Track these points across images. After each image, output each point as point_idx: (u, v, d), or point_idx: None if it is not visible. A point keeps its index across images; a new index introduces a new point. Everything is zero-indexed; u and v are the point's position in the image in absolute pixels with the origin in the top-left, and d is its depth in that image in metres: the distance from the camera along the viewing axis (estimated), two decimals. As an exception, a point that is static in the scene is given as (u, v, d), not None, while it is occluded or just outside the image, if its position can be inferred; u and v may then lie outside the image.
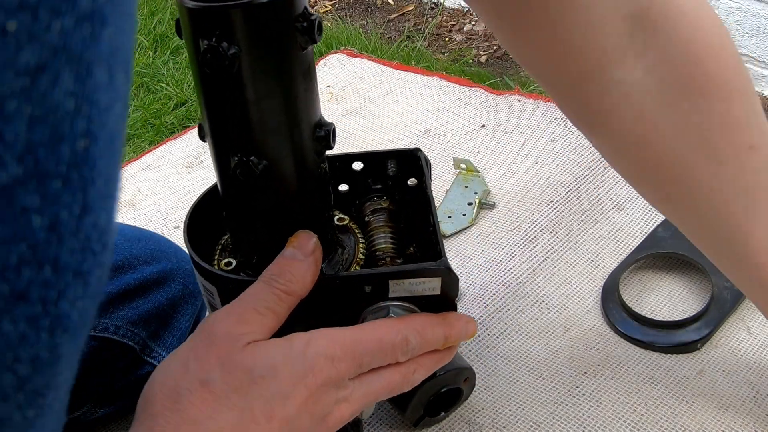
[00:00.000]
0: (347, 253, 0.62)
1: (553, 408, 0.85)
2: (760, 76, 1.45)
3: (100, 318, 0.78)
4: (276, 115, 0.49)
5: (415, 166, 0.70)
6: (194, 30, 0.45)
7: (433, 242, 0.61)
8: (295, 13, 0.45)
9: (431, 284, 0.57)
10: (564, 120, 1.23)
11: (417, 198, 0.69)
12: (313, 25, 0.46)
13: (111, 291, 0.79)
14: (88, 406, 0.82)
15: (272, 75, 0.47)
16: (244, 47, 0.44)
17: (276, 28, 0.45)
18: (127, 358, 0.81)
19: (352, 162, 0.69)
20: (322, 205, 0.57)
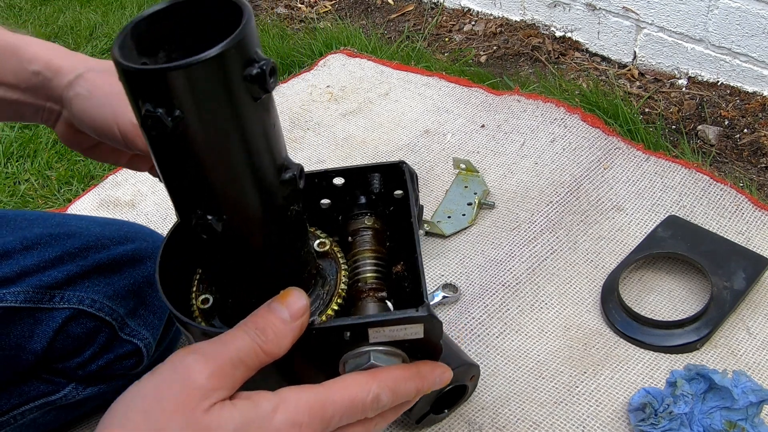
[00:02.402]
0: (328, 284, 0.58)
1: (553, 408, 0.85)
2: (760, 76, 1.45)
3: (73, 290, 0.80)
4: (231, 170, 0.45)
5: (399, 180, 0.65)
6: (132, 92, 0.41)
7: (415, 284, 0.57)
8: (243, 63, 0.41)
9: (413, 330, 0.54)
10: (564, 120, 1.23)
11: (404, 210, 0.64)
12: (264, 74, 0.41)
13: (83, 265, 0.81)
14: (72, 386, 0.83)
15: (223, 132, 0.43)
16: (188, 109, 0.40)
17: (222, 84, 0.41)
18: (106, 333, 0.82)
19: (332, 178, 0.65)
20: (297, 246, 0.54)
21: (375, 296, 0.59)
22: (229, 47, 0.40)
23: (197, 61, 0.39)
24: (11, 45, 0.66)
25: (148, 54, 0.43)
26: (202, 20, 0.44)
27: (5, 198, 1.62)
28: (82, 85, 0.64)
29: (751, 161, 1.39)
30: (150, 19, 0.43)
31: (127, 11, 2.29)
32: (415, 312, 0.52)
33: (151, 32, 0.43)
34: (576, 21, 1.75)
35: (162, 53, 0.44)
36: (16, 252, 0.78)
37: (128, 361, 0.85)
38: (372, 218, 0.65)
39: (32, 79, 0.66)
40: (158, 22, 0.43)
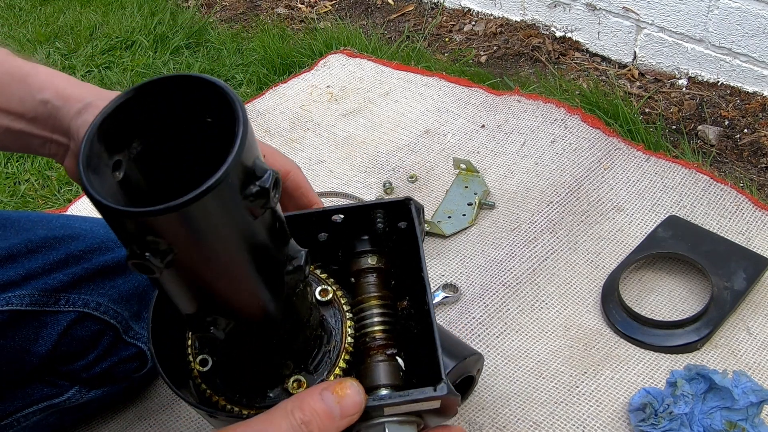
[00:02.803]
0: (334, 339, 0.55)
1: (553, 408, 0.85)
2: (760, 76, 1.45)
3: (78, 293, 0.80)
4: (231, 285, 0.41)
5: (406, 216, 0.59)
6: (116, 230, 0.36)
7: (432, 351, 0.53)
8: (242, 182, 0.36)
9: (430, 404, 0.52)
10: (564, 121, 1.23)
11: (409, 241, 0.59)
12: (266, 192, 0.36)
13: (88, 268, 0.81)
14: (76, 389, 0.83)
15: (221, 257, 0.38)
16: (181, 246, 0.36)
17: (220, 214, 0.35)
18: (110, 336, 0.82)
19: (331, 216, 0.59)
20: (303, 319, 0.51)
21: (384, 353, 0.56)
22: (228, 172, 0.34)
23: (190, 199, 0.33)
24: (20, 72, 0.65)
25: (119, 149, 0.38)
26: (176, 101, 0.39)
27: (5, 198, 1.62)
28: (91, 113, 0.61)
29: (751, 161, 1.39)
30: (115, 113, 0.38)
31: (127, 11, 2.29)
32: (433, 392, 0.50)
33: (119, 126, 0.38)
34: (576, 21, 1.75)
35: (136, 143, 0.39)
36: (21, 255, 0.78)
37: (131, 364, 0.85)
38: (375, 257, 0.60)
39: (39, 108, 0.64)
40: (125, 113, 0.38)
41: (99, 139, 0.37)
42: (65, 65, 2.08)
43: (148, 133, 0.39)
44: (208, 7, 2.34)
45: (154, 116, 0.39)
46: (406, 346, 0.58)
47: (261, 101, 1.48)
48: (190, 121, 0.39)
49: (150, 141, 0.39)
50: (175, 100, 0.38)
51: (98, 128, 0.37)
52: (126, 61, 2.06)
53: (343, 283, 0.60)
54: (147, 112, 0.38)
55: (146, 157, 0.40)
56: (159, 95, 0.38)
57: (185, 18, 2.22)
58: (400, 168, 1.24)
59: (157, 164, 0.40)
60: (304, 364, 0.54)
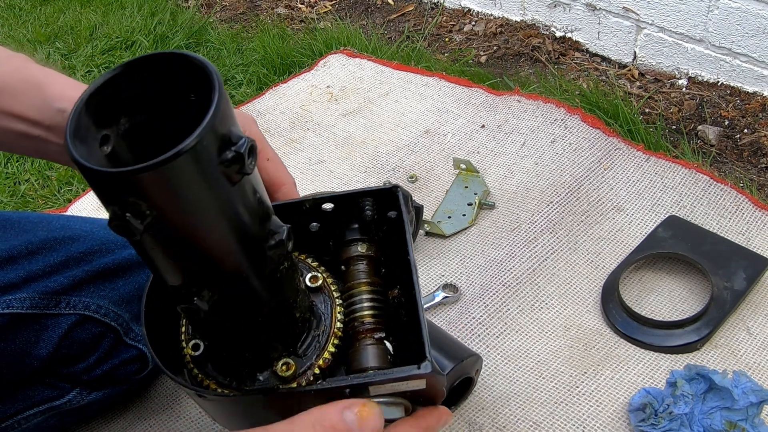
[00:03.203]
0: (323, 324, 0.56)
1: (553, 408, 0.85)
2: (760, 76, 1.45)
3: (79, 296, 0.80)
4: (211, 254, 0.42)
5: (393, 204, 0.61)
6: (98, 192, 0.37)
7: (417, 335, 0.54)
8: (218, 148, 0.37)
9: (415, 383, 0.53)
10: (564, 121, 1.23)
11: (398, 232, 0.60)
12: (242, 157, 0.38)
13: (88, 270, 0.81)
14: (77, 391, 0.83)
15: (200, 222, 0.39)
16: (160, 209, 0.37)
17: (197, 177, 0.37)
18: (111, 338, 0.82)
19: (322, 204, 0.61)
20: (289, 300, 0.52)
21: (373, 337, 0.57)
22: (200, 137, 0.35)
23: (167, 158, 0.34)
24: (36, 80, 0.65)
25: (108, 124, 0.39)
26: (162, 79, 0.40)
27: (5, 198, 1.62)
28: None
29: (751, 161, 1.39)
30: (104, 87, 0.39)
31: (127, 11, 2.29)
32: (417, 370, 0.51)
33: (108, 101, 0.39)
34: (576, 21, 1.75)
35: (123, 119, 0.40)
36: (21, 257, 0.78)
37: (132, 366, 0.85)
38: (365, 245, 0.61)
39: (57, 117, 0.64)
40: (113, 89, 0.39)
41: (87, 112, 0.38)
42: (65, 65, 2.08)
43: (136, 110, 0.40)
44: (208, 7, 2.34)
45: (142, 93, 0.40)
46: (396, 334, 0.58)
47: (261, 101, 1.48)
48: (175, 98, 0.40)
49: (137, 118, 0.41)
50: (161, 78, 0.40)
51: (86, 102, 0.38)
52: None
53: (335, 273, 0.61)
54: (134, 88, 0.39)
55: (134, 134, 0.41)
56: (145, 72, 0.39)
57: (185, 18, 2.22)
58: (400, 168, 1.23)
59: (144, 140, 0.41)
60: (292, 348, 0.54)
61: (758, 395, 0.76)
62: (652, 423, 0.79)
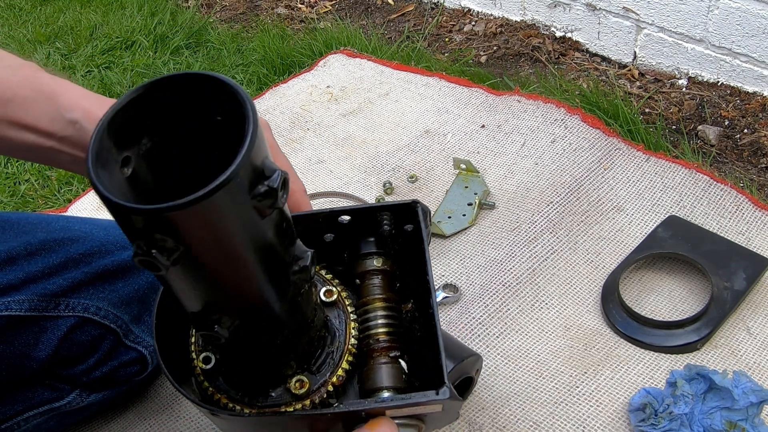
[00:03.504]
0: (337, 340, 0.55)
1: (553, 408, 0.85)
2: (760, 76, 1.45)
3: (78, 298, 0.79)
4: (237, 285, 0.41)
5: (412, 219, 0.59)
6: (122, 226, 0.36)
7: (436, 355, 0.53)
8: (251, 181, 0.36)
9: (432, 407, 0.52)
10: (564, 121, 1.23)
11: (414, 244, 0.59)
12: (275, 192, 0.36)
13: (87, 272, 0.80)
14: (77, 392, 0.83)
15: (227, 256, 0.38)
16: (187, 246, 0.36)
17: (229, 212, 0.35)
18: (110, 340, 0.82)
19: (338, 217, 0.59)
20: (307, 319, 0.51)
21: (388, 355, 0.56)
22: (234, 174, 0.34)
23: (202, 195, 0.33)
24: (48, 90, 0.64)
25: (129, 145, 0.38)
26: (187, 99, 0.39)
27: (5, 198, 1.62)
28: None
29: (751, 161, 1.39)
30: (126, 108, 0.38)
31: (127, 11, 2.29)
32: (435, 396, 0.50)
33: (130, 122, 0.38)
34: (576, 21, 1.74)
35: (145, 139, 0.39)
36: (20, 258, 0.78)
37: (132, 368, 0.85)
38: (381, 259, 0.60)
39: (69, 128, 0.63)
40: (136, 109, 0.38)
41: (109, 135, 0.37)
42: (65, 65, 2.08)
43: (158, 131, 0.39)
44: (208, 7, 2.34)
45: (165, 113, 0.39)
46: (410, 349, 0.58)
47: (261, 101, 1.48)
48: (200, 120, 0.39)
49: (160, 138, 0.39)
50: (186, 98, 0.38)
51: (108, 123, 0.37)
52: (126, 61, 2.06)
53: (348, 285, 0.59)
54: (157, 108, 0.38)
55: (155, 155, 0.40)
56: (170, 92, 0.38)
57: (185, 18, 2.22)
58: (400, 168, 1.23)
59: (166, 162, 0.40)
60: (306, 364, 0.54)
61: (758, 395, 0.76)
62: (652, 423, 0.79)
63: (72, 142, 0.64)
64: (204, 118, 0.39)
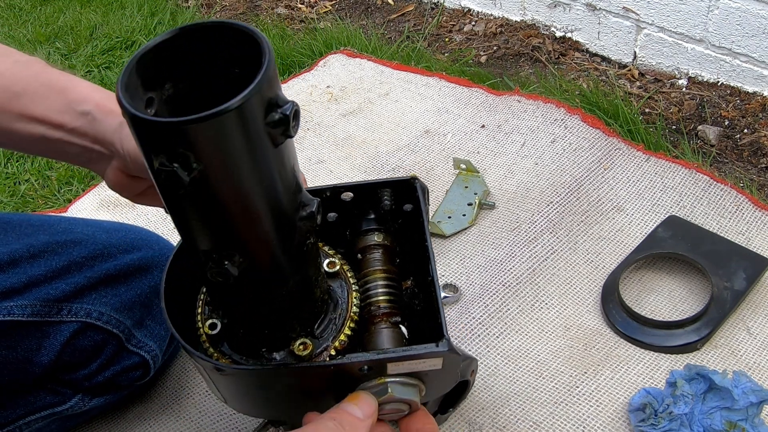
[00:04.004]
0: (340, 307, 0.57)
1: (553, 408, 0.85)
2: (760, 76, 1.45)
3: (81, 303, 0.79)
4: (249, 216, 0.43)
5: (411, 196, 0.63)
6: (143, 142, 0.38)
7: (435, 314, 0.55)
8: (265, 109, 0.39)
9: (432, 362, 0.54)
10: (564, 121, 1.23)
11: (414, 224, 0.63)
12: (287, 119, 0.39)
13: (90, 277, 0.80)
14: (79, 397, 0.83)
15: (242, 180, 0.41)
16: (207, 162, 0.38)
17: (244, 134, 0.38)
18: (113, 345, 0.82)
19: (341, 193, 0.63)
20: (311, 277, 0.53)
21: (389, 321, 0.58)
22: (251, 95, 0.37)
23: (219, 112, 0.36)
24: (58, 84, 0.65)
25: (153, 87, 0.41)
26: (211, 48, 0.41)
27: (5, 198, 1.62)
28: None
29: (751, 161, 1.39)
30: (155, 50, 0.40)
31: (127, 11, 2.29)
32: (435, 348, 0.52)
33: (157, 65, 0.41)
34: (576, 21, 1.74)
35: (168, 84, 0.42)
36: (23, 260, 0.77)
37: (134, 373, 0.85)
38: (381, 235, 0.63)
39: (80, 119, 0.64)
40: (164, 53, 0.41)
41: (137, 72, 0.39)
42: (65, 65, 2.08)
43: (180, 77, 0.42)
44: (208, 7, 2.34)
45: (189, 60, 0.42)
46: (411, 322, 0.59)
47: (261, 101, 1.48)
48: (220, 69, 0.42)
49: (181, 85, 0.42)
50: (210, 47, 0.41)
51: (137, 62, 0.39)
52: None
53: (351, 262, 0.62)
54: (183, 55, 0.41)
55: (176, 100, 0.43)
56: (196, 40, 0.41)
57: (185, 18, 2.22)
58: (400, 168, 1.23)
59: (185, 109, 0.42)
60: (310, 328, 0.55)
61: (758, 395, 0.76)
62: (652, 423, 0.79)
63: (82, 132, 0.64)
64: (224, 68, 0.42)
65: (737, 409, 0.76)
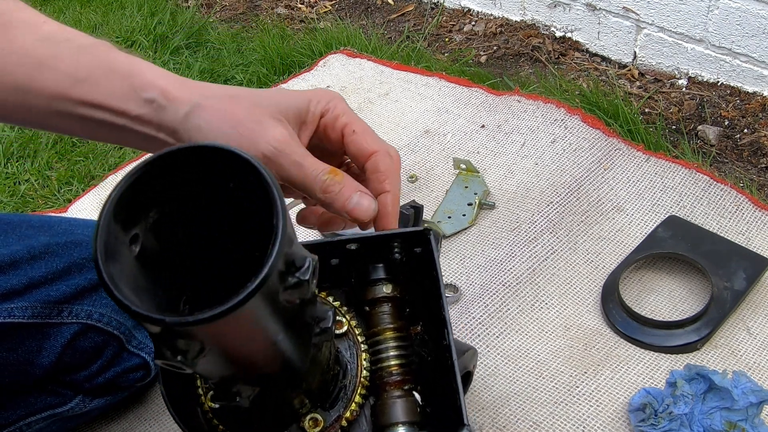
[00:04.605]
0: (350, 374, 0.54)
1: (553, 408, 0.85)
2: (760, 76, 1.45)
3: (81, 305, 0.79)
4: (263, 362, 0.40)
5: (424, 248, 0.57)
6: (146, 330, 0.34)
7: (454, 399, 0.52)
8: (281, 276, 0.34)
9: None
10: (564, 121, 1.23)
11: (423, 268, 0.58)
12: (305, 282, 0.34)
13: (91, 278, 0.80)
14: (79, 398, 0.83)
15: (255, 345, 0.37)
16: (213, 345, 0.34)
17: (257, 314, 0.34)
18: (114, 347, 0.82)
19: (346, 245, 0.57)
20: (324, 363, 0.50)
21: (401, 389, 0.55)
22: (271, 270, 0.31)
23: (235, 304, 0.31)
24: (123, 69, 0.62)
25: (136, 222, 0.36)
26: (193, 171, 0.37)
27: (5, 198, 1.62)
28: (202, 116, 0.58)
29: (751, 161, 1.39)
30: (129, 191, 0.35)
31: (127, 11, 2.29)
32: None
33: (135, 202, 0.36)
34: (576, 21, 1.74)
35: (152, 212, 0.37)
36: (23, 262, 0.77)
37: (135, 374, 0.85)
38: (391, 285, 0.59)
39: (144, 106, 0.62)
40: (140, 188, 0.36)
41: (115, 221, 0.35)
42: (65, 65, 2.07)
43: (164, 203, 0.38)
44: (208, 7, 2.34)
45: (171, 186, 0.37)
46: (420, 373, 0.57)
47: (261, 101, 1.47)
48: (209, 188, 0.37)
49: (166, 209, 0.38)
50: (192, 170, 0.37)
51: (113, 211, 0.35)
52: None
53: (354, 307, 0.58)
54: (162, 184, 0.37)
55: (163, 224, 0.38)
56: (175, 166, 0.36)
57: (185, 18, 2.22)
58: (400, 168, 1.23)
59: (173, 230, 0.39)
60: (320, 402, 0.53)
61: (758, 395, 0.76)
62: (652, 423, 0.79)
63: (146, 120, 0.62)
64: (214, 187, 0.37)
65: (737, 409, 0.76)
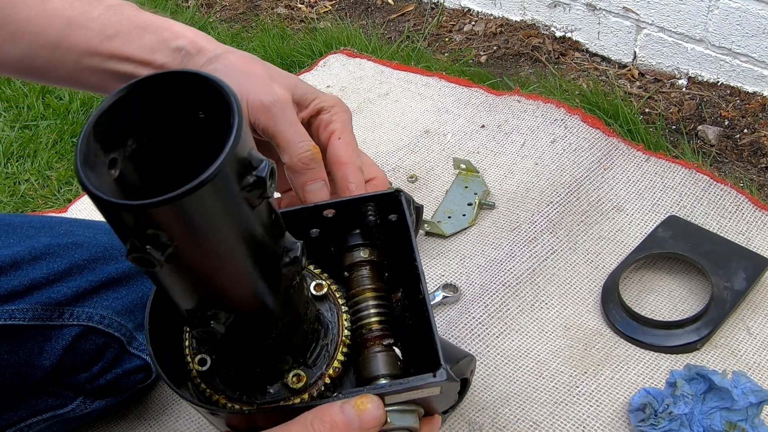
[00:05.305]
0: (331, 333, 0.56)
1: (553, 408, 0.85)
2: (760, 76, 1.45)
3: (82, 307, 0.79)
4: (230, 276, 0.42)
5: (396, 208, 0.60)
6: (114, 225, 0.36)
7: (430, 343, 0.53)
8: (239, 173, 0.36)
9: (430, 390, 0.53)
10: (564, 121, 1.23)
11: (400, 236, 0.59)
12: (263, 180, 0.37)
13: (92, 280, 0.80)
14: (80, 399, 0.83)
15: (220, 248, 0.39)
16: (180, 239, 0.36)
17: (219, 205, 0.36)
18: (114, 349, 0.82)
19: (322, 211, 0.60)
20: (300, 312, 0.52)
21: (382, 344, 0.57)
22: (224, 164, 0.34)
23: (189, 189, 0.33)
24: (152, 24, 0.66)
25: (115, 147, 0.38)
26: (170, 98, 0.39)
27: (5, 198, 1.62)
28: (221, 62, 0.63)
29: (751, 161, 1.39)
30: (111, 111, 0.38)
31: (127, 11, 2.29)
32: (432, 378, 0.51)
33: (115, 124, 0.38)
34: (576, 21, 1.75)
35: (130, 141, 0.39)
36: (24, 263, 0.77)
37: (136, 376, 0.85)
38: (368, 250, 0.60)
39: (172, 55, 0.65)
40: (120, 111, 0.38)
41: (95, 137, 0.37)
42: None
43: (142, 131, 0.40)
44: (208, 7, 2.34)
45: (148, 114, 0.39)
46: (403, 337, 0.58)
47: (261, 101, 1.47)
48: (183, 118, 0.39)
49: (144, 138, 0.40)
50: (168, 97, 0.39)
51: (94, 126, 0.37)
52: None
53: (337, 278, 0.60)
54: (140, 109, 0.39)
55: (141, 155, 0.40)
56: (152, 92, 0.38)
57: (185, 18, 2.22)
58: (400, 168, 1.23)
59: (152, 161, 0.40)
60: (302, 358, 0.54)
61: (758, 395, 0.76)
62: (652, 423, 0.79)
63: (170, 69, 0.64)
64: (187, 116, 0.39)
65: (737, 409, 0.76)
